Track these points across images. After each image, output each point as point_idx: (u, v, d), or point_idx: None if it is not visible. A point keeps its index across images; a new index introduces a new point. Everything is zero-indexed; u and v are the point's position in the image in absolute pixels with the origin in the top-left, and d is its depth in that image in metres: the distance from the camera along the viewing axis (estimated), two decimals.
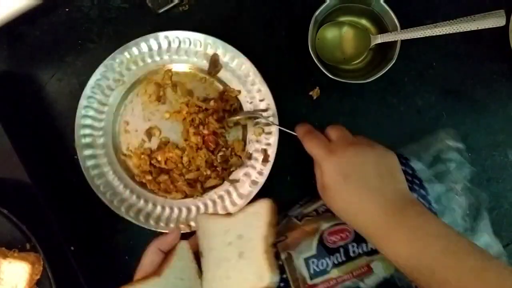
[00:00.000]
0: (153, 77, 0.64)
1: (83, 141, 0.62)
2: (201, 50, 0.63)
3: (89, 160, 0.62)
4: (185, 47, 0.63)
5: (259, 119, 0.62)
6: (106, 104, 0.63)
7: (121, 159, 0.64)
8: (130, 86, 0.64)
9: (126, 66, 0.63)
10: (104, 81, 0.62)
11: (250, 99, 0.63)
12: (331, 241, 0.54)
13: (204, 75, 0.64)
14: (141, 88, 0.64)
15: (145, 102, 0.64)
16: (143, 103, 0.64)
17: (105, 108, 0.63)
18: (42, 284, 0.57)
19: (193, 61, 0.63)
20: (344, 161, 0.48)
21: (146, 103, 0.64)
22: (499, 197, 0.64)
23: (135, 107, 0.64)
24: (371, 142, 0.52)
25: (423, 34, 0.58)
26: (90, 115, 0.62)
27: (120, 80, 0.63)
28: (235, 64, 0.62)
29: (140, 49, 0.62)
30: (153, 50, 0.63)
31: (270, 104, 0.61)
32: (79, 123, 0.62)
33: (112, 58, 0.62)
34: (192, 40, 0.62)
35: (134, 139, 0.64)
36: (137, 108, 0.64)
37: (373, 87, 0.64)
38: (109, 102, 0.63)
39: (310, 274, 0.54)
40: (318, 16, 0.60)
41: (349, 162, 0.48)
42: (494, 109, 0.65)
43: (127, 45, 0.62)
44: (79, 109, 0.62)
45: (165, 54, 0.63)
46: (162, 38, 0.62)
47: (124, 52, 0.62)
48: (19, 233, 0.57)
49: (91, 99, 0.62)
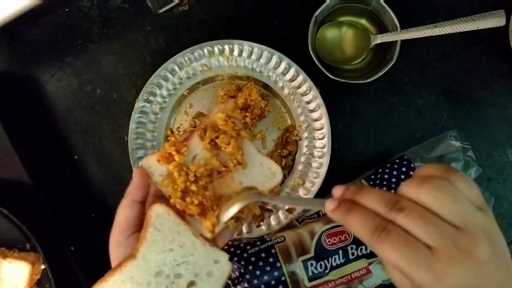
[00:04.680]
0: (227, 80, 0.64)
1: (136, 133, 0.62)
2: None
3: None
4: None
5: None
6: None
7: None
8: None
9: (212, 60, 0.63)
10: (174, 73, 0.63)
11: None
12: (330, 243, 0.54)
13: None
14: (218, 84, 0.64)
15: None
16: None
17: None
18: (42, 284, 0.57)
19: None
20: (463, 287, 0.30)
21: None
22: (499, 197, 0.64)
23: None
24: (491, 230, 0.32)
25: (423, 34, 0.58)
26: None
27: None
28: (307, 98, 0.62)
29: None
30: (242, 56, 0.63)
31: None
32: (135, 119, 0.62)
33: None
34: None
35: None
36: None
37: (373, 87, 0.64)
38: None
39: (308, 276, 0.53)
40: (318, 16, 0.60)
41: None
42: (494, 109, 0.65)
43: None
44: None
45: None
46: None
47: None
48: (19, 233, 0.57)
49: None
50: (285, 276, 0.53)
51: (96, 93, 0.66)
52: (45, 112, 0.65)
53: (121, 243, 0.42)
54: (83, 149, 0.66)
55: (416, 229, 0.30)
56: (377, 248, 0.31)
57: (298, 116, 0.62)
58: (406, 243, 0.30)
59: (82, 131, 0.66)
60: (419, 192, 0.31)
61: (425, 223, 0.30)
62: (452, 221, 0.30)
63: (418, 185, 0.31)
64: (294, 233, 0.56)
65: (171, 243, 0.41)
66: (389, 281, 0.54)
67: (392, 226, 0.31)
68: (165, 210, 0.41)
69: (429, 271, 0.29)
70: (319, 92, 0.61)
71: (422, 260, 0.29)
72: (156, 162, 0.43)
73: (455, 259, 0.29)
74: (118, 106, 0.66)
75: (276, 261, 0.54)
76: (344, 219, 0.34)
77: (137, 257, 0.40)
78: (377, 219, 0.32)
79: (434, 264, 0.29)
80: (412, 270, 0.30)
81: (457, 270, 0.29)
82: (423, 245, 0.30)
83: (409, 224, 0.30)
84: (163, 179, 0.42)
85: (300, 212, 0.61)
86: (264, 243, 0.56)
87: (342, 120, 0.65)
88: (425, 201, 0.31)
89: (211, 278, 0.42)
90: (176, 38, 0.65)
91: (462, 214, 0.30)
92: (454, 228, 0.30)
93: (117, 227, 0.42)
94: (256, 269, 0.53)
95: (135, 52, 0.66)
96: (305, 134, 0.62)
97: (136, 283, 0.40)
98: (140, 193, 0.42)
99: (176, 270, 0.41)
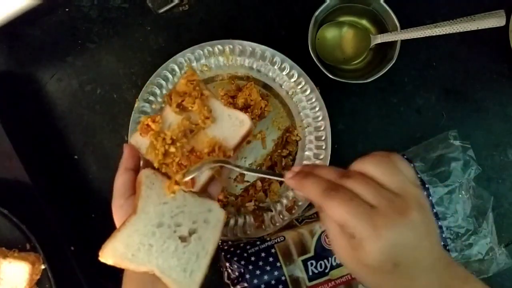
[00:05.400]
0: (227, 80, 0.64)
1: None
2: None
3: None
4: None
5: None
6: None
7: None
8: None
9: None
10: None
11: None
12: (330, 243, 0.54)
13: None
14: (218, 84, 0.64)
15: None
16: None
17: None
18: (42, 284, 0.57)
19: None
20: (396, 244, 0.35)
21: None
22: (499, 197, 0.64)
23: None
24: (422, 202, 0.37)
25: (423, 34, 0.58)
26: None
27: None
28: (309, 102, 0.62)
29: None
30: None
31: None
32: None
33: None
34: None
35: None
36: None
37: (373, 87, 0.64)
38: None
39: (308, 276, 0.53)
40: (318, 16, 0.60)
41: (400, 246, 0.35)
42: (494, 109, 0.65)
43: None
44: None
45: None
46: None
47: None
48: (19, 233, 0.57)
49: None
50: (285, 276, 0.53)
51: (96, 93, 0.66)
52: (45, 112, 0.65)
53: (121, 205, 0.47)
54: (83, 149, 0.66)
55: (360, 189, 0.36)
56: (326, 205, 0.36)
57: (298, 116, 0.62)
58: (351, 199, 0.35)
59: (82, 131, 0.66)
60: (364, 163, 0.37)
61: (368, 185, 0.36)
62: (391, 187, 0.36)
63: (363, 159, 0.38)
64: (295, 232, 0.56)
65: (164, 197, 0.46)
66: None
67: (341, 188, 0.36)
68: (151, 172, 0.47)
69: (369, 224, 0.34)
70: (319, 92, 0.61)
71: (364, 213, 0.35)
72: (141, 138, 0.48)
73: (392, 216, 0.35)
74: (118, 106, 0.66)
75: (276, 260, 0.54)
76: (300, 183, 0.39)
77: (137, 212, 0.45)
78: (329, 182, 0.37)
79: (375, 218, 0.34)
80: (355, 223, 0.35)
81: (392, 224, 0.34)
82: (366, 203, 0.35)
83: (355, 186, 0.36)
84: (146, 149, 0.47)
85: (300, 212, 0.61)
86: (264, 243, 0.56)
87: (342, 120, 0.65)
88: (369, 170, 0.37)
89: (209, 224, 0.47)
90: (176, 38, 0.65)
91: (399, 184, 0.36)
92: (392, 193, 0.36)
93: (116, 192, 0.48)
94: (256, 269, 0.53)
95: (135, 52, 0.66)
96: (305, 134, 0.62)
97: (142, 234, 0.44)
98: (131, 161, 0.48)
99: (175, 220, 0.46)
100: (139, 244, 0.44)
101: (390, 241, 0.35)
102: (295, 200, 0.61)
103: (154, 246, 0.44)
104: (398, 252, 0.35)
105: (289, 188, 0.62)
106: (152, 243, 0.44)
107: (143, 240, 0.44)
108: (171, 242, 0.45)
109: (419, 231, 0.36)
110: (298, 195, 0.60)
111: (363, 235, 0.35)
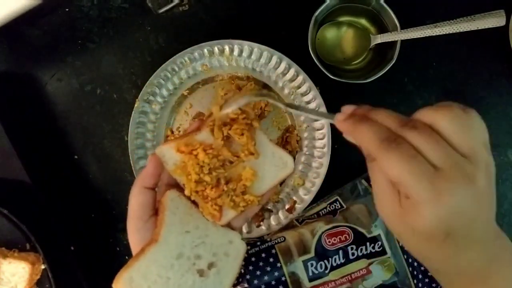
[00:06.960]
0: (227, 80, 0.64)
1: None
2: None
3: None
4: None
5: None
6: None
7: None
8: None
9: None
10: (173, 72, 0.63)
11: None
12: (330, 243, 0.54)
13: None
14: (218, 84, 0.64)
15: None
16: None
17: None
18: (42, 284, 0.57)
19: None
20: (456, 212, 0.31)
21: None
22: (499, 197, 0.63)
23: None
24: (491, 170, 0.35)
25: (423, 34, 0.58)
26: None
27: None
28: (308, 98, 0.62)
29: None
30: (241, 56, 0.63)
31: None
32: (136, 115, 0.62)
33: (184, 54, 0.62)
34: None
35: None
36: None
37: (373, 87, 0.64)
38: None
39: (308, 277, 0.53)
40: (318, 16, 0.60)
41: (459, 215, 0.32)
42: (494, 109, 0.65)
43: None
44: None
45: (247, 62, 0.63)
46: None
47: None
48: (19, 233, 0.57)
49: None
50: (285, 276, 0.53)
51: (96, 93, 0.66)
52: (45, 112, 0.65)
53: (139, 229, 0.43)
54: (83, 149, 0.66)
55: (424, 146, 0.31)
56: (382, 157, 0.32)
57: (298, 116, 0.62)
58: (414, 156, 0.31)
59: (82, 131, 0.66)
60: (436, 116, 0.32)
61: (437, 144, 0.31)
62: (461, 149, 0.31)
63: (436, 109, 0.32)
64: (295, 233, 0.56)
65: (187, 225, 0.43)
66: (390, 281, 0.54)
67: (402, 140, 0.31)
68: (177, 195, 0.43)
69: (430, 186, 0.30)
70: (319, 92, 0.61)
71: (426, 174, 0.30)
72: (170, 151, 0.43)
73: (457, 180, 0.30)
74: (118, 106, 0.66)
75: (276, 261, 0.54)
76: (353, 128, 0.34)
77: (159, 241, 0.41)
78: (389, 131, 0.32)
79: (437, 180, 0.30)
80: (414, 183, 0.30)
81: (456, 191, 0.30)
82: (429, 163, 0.31)
83: (419, 141, 0.31)
84: (175, 166, 0.43)
85: (300, 212, 0.61)
86: (264, 243, 0.56)
87: None
88: (440, 125, 0.32)
89: (229, 257, 0.44)
90: (176, 38, 0.65)
91: (471, 146, 0.32)
92: (461, 155, 0.31)
93: (133, 213, 0.43)
94: (256, 269, 0.53)
95: (135, 52, 0.66)
96: (305, 134, 0.62)
97: (160, 266, 0.41)
98: (152, 180, 0.43)
99: (195, 251, 0.42)
100: (156, 276, 0.41)
101: (450, 208, 0.31)
102: (295, 200, 0.61)
103: (172, 279, 0.41)
104: (455, 221, 0.32)
105: (289, 188, 0.62)
106: (170, 276, 0.41)
107: (161, 272, 0.41)
108: (189, 276, 0.42)
109: (482, 202, 0.33)
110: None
111: (421, 198, 0.31)
